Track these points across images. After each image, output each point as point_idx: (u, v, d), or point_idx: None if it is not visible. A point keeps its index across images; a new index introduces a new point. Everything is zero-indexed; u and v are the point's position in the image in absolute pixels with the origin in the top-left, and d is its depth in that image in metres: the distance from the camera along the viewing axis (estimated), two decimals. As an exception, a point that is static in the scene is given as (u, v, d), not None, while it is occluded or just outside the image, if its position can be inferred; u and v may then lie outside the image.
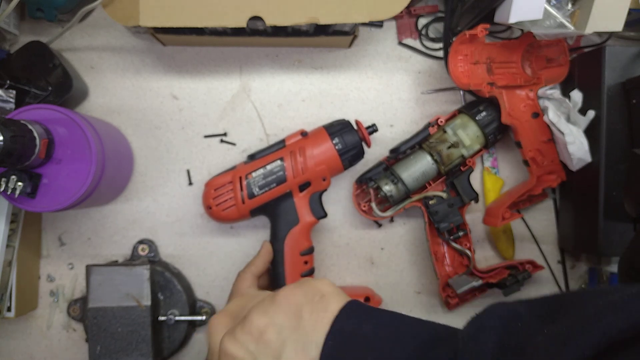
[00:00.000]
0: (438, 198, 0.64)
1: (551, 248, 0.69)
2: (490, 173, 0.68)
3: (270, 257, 0.60)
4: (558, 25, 0.57)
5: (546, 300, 0.36)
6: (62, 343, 0.66)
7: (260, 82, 0.67)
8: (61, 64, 0.61)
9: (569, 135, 0.60)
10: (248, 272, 0.57)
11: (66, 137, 0.53)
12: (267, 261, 0.59)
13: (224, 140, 0.67)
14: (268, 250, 0.60)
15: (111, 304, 0.59)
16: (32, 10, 0.61)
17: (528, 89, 0.63)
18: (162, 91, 0.67)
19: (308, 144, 0.60)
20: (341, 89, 0.68)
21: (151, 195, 0.67)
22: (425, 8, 0.67)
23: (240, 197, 0.59)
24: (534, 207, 0.69)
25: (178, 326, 0.62)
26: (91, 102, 0.66)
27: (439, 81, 0.68)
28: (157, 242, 0.66)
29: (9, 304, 0.60)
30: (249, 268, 0.57)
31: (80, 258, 0.66)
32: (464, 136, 0.62)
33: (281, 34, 0.61)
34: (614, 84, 0.59)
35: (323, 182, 0.61)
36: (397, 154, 0.64)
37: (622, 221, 0.59)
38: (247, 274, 0.57)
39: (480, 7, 0.59)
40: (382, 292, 0.66)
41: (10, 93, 0.59)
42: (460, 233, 0.65)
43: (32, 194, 0.52)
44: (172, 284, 0.62)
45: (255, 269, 0.57)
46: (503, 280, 0.63)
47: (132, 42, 0.67)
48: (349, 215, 0.68)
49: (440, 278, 0.65)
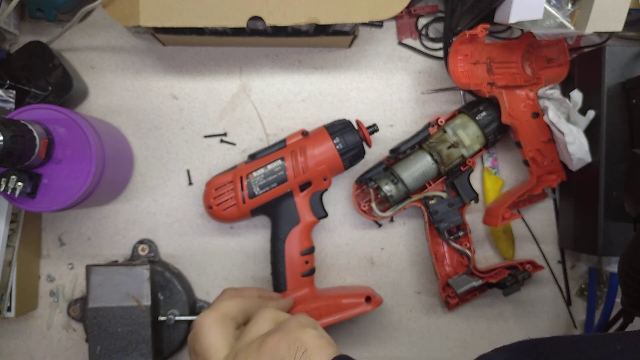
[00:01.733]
0: (438, 198, 0.64)
1: (551, 248, 0.69)
2: (490, 173, 0.68)
3: (258, 297, 0.56)
4: (558, 25, 0.57)
5: (524, 346, 0.34)
6: (62, 343, 0.66)
7: (260, 82, 0.67)
8: (61, 64, 0.61)
9: (569, 135, 0.60)
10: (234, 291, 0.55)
11: (66, 137, 0.53)
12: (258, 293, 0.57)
13: (224, 140, 0.67)
14: (264, 293, 0.58)
15: (111, 304, 0.59)
16: (32, 10, 0.61)
17: (528, 89, 0.63)
18: (162, 91, 0.67)
19: (309, 143, 0.60)
20: (341, 89, 0.68)
21: (151, 195, 0.67)
22: (425, 8, 0.67)
23: (241, 196, 0.59)
24: (534, 207, 0.69)
25: (178, 326, 0.62)
26: (91, 102, 0.66)
27: (439, 81, 0.68)
28: (157, 242, 0.66)
29: (9, 304, 0.60)
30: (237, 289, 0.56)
31: (80, 258, 0.66)
32: (464, 136, 0.62)
33: (281, 34, 0.61)
34: (614, 84, 0.59)
35: (324, 181, 0.61)
36: (397, 154, 0.64)
37: (622, 221, 0.59)
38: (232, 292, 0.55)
39: (480, 7, 0.59)
40: (382, 292, 0.66)
41: (10, 93, 0.59)
42: (460, 233, 0.65)
43: (32, 194, 0.52)
44: (172, 284, 0.62)
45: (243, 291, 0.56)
46: (503, 280, 0.63)
47: (132, 42, 0.67)
48: (349, 215, 0.68)
49: (440, 278, 0.65)
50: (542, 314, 0.68)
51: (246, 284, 0.67)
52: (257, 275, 0.67)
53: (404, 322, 0.68)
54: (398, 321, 0.68)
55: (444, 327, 0.68)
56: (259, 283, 0.67)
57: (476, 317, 0.68)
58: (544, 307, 0.68)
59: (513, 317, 0.68)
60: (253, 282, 0.67)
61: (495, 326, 0.68)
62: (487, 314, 0.68)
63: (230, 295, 0.54)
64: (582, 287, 0.68)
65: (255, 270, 0.67)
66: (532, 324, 0.68)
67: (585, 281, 0.68)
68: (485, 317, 0.68)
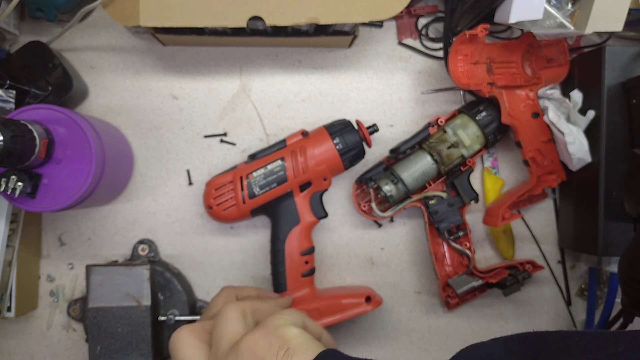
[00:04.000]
0: (438, 198, 0.64)
1: (551, 248, 0.69)
2: (490, 173, 0.68)
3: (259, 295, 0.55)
4: (558, 25, 0.57)
5: (524, 339, 0.33)
6: (62, 343, 0.66)
7: (260, 82, 0.67)
8: (61, 64, 0.61)
9: (569, 135, 0.60)
10: (232, 289, 0.54)
11: (66, 137, 0.53)
12: (256, 293, 0.56)
13: (224, 140, 0.67)
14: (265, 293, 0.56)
15: (111, 304, 0.59)
16: (32, 10, 0.61)
17: (528, 89, 0.63)
18: (162, 91, 0.67)
19: (309, 143, 0.60)
20: (341, 89, 0.68)
21: (151, 195, 0.67)
22: (425, 8, 0.67)
23: (241, 196, 0.59)
24: (534, 207, 0.69)
25: (178, 326, 0.62)
26: (91, 102, 0.66)
27: (439, 81, 0.68)
28: (157, 242, 0.66)
29: (9, 304, 0.60)
30: (236, 288, 0.54)
31: (80, 258, 0.66)
32: (464, 136, 0.62)
33: (281, 34, 0.61)
34: (614, 84, 0.59)
35: (324, 182, 0.61)
36: (397, 154, 0.64)
37: (622, 221, 0.59)
38: (230, 291, 0.53)
39: (480, 7, 0.59)
40: (382, 292, 0.66)
41: (10, 93, 0.59)
42: (460, 233, 0.65)
43: (32, 194, 0.52)
44: (172, 284, 0.62)
45: (242, 290, 0.54)
46: (503, 280, 0.63)
47: (132, 42, 0.67)
48: (349, 215, 0.68)
49: (440, 278, 0.65)
50: (542, 314, 0.68)
51: (246, 284, 0.67)
52: (257, 275, 0.67)
53: (404, 322, 0.68)
54: (398, 321, 0.68)
55: (444, 327, 0.68)
56: (258, 283, 0.67)
57: (476, 317, 0.68)
58: (544, 307, 0.68)
59: (513, 317, 0.68)
60: (253, 282, 0.67)
61: (495, 326, 0.68)
62: (487, 314, 0.68)
63: (228, 294, 0.53)
64: (582, 287, 0.68)
65: (255, 270, 0.67)
66: (532, 324, 0.68)
67: (585, 281, 0.68)
68: (485, 317, 0.68)
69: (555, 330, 0.34)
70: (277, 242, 0.60)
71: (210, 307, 0.51)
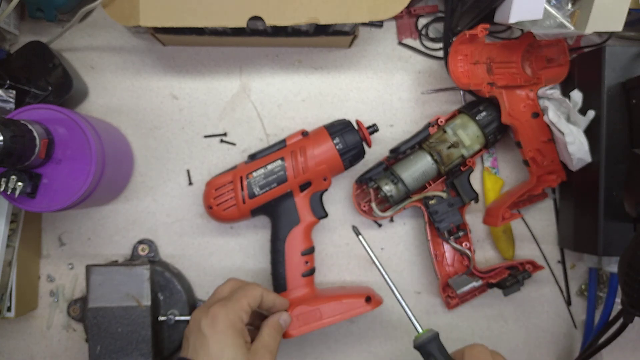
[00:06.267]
0: (438, 198, 0.64)
1: (551, 248, 0.69)
2: (490, 173, 0.68)
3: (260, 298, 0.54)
4: (558, 25, 0.57)
5: None
6: (62, 343, 0.66)
7: (260, 82, 0.67)
8: (61, 64, 0.61)
9: (569, 135, 0.60)
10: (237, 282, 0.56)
11: (66, 137, 0.53)
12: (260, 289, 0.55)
13: (224, 140, 0.67)
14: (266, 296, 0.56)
15: (111, 304, 0.59)
16: (32, 10, 0.61)
17: (528, 89, 0.63)
18: (162, 91, 0.67)
19: (309, 143, 0.60)
20: (341, 89, 0.68)
21: (151, 195, 0.67)
22: (425, 8, 0.67)
23: (241, 196, 0.59)
24: (534, 207, 0.69)
25: (178, 326, 0.62)
26: (91, 102, 0.66)
27: (439, 81, 0.68)
28: (157, 242, 0.66)
29: (9, 304, 0.60)
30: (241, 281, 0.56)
31: (80, 258, 0.66)
32: (464, 136, 0.62)
33: (281, 34, 0.61)
34: (614, 84, 0.59)
35: (324, 182, 0.61)
36: (397, 154, 0.64)
37: (622, 221, 0.59)
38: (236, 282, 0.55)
39: (480, 7, 0.59)
40: (382, 292, 0.66)
41: (10, 93, 0.59)
42: (460, 233, 0.65)
43: (32, 194, 0.52)
44: (172, 284, 0.62)
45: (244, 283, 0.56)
46: (503, 280, 0.63)
47: (132, 42, 0.67)
48: (349, 215, 0.68)
49: (440, 278, 0.65)
50: (542, 314, 0.68)
51: (246, 284, 0.67)
52: (257, 276, 0.67)
53: (404, 322, 0.68)
54: (398, 321, 0.68)
55: (444, 327, 0.68)
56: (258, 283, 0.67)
57: (476, 317, 0.68)
58: (544, 307, 0.68)
59: (513, 317, 0.68)
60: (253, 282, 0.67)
61: (495, 326, 0.68)
62: (487, 314, 0.68)
63: (234, 284, 0.54)
64: (582, 287, 0.68)
65: (255, 270, 0.67)
66: (532, 324, 0.68)
67: (585, 281, 0.68)
68: (485, 317, 0.68)
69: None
70: (277, 242, 0.60)
71: (216, 293, 0.54)
